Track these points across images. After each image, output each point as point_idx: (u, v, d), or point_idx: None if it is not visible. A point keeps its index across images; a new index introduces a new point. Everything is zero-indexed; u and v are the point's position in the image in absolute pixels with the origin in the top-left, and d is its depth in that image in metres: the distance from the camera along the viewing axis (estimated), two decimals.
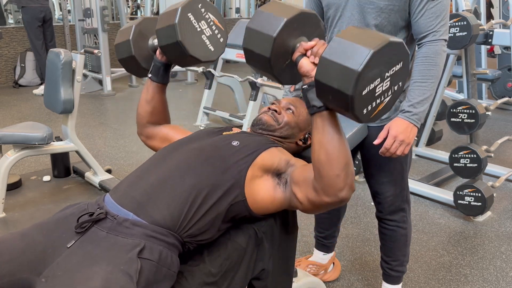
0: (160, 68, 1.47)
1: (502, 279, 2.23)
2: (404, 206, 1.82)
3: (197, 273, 1.19)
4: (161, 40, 1.40)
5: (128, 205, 1.18)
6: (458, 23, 2.61)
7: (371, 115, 1.08)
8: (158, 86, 1.49)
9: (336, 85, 1.02)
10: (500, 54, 5.51)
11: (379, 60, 1.01)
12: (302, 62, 1.15)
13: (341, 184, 1.13)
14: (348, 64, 1.00)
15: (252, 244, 1.30)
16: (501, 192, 3.16)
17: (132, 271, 1.04)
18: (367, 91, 1.03)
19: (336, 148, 1.12)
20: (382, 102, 1.09)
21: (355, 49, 1.01)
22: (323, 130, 1.13)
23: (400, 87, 1.11)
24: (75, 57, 2.84)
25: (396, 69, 1.07)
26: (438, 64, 1.56)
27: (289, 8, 1.17)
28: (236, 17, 9.57)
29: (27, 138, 2.72)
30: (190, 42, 1.36)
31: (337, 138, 1.13)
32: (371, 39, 1.02)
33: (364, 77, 1.00)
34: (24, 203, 2.93)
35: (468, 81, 2.93)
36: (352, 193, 1.17)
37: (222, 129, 1.47)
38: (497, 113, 5.00)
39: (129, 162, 3.67)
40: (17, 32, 6.60)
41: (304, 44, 1.16)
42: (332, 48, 1.04)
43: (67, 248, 1.11)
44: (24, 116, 4.90)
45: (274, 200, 1.26)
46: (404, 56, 1.07)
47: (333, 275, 2.19)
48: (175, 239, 1.15)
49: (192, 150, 1.30)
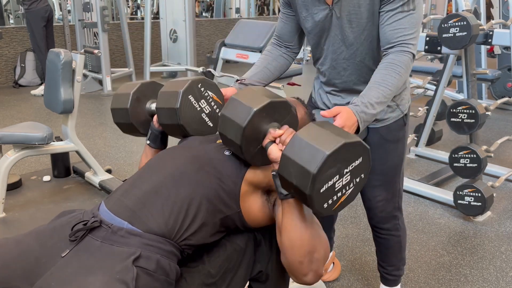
0: (158, 136, 1.49)
1: (502, 279, 2.23)
2: (396, 214, 1.79)
3: (196, 274, 1.19)
4: (161, 119, 1.43)
5: (122, 214, 1.17)
6: (458, 23, 2.61)
7: (333, 207, 1.09)
8: (157, 151, 1.50)
9: (295, 182, 1.05)
10: (500, 54, 5.51)
11: (336, 160, 1.03)
12: (270, 149, 1.19)
13: (305, 270, 1.15)
14: (305, 165, 1.02)
15: (251, 245, 1.30)
16: (501, 192, 3.16)
17: (128, 279, 1.03)
18: (326, 188, 1.05)
19: (299, 236, 1.13)
20: (344, 195, 1.10)
21: (311, 149, 1.03)
22: (288, 216, 1.15)
23: (363, 178, 1.12)
24: (75, 57, 2.84)
25: (356, 164, 1.08)
26: (401, 75, 1.41)
27: (259, 96, 1.21)
28: (236, 17, 9.57)
29: (27, 138, 2.72)
30: (190, 124, 1.41)
31: (299, 226, 1.14)
32: (327, 140, 1.04)
33: (320, 178, 1.02)
34: (24, 203, 2.93)
35: (468, 81, 2.93)
36: (319, 278, 1.18)
37: (216, 137, 1.47)
38: (497, 113, 5.00)
39: (129, 162, 3.67)
40: (17, 32, 6.60)
41: (273, 132, 1.20)
42: (292, 145, 1.07)
43: (61, 258, 1.10)
44: (24, 116, 4.90)
45: (264, 216, 1.28)
46: (364, 151, 1.09)
47: (333, 275, 2.19)
48: (173, 247, 1.14)
49: (186, 159, 1.29)
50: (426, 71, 4.09)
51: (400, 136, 1.71)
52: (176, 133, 1.46)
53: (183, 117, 1.38)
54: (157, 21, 7.20)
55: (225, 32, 8.34)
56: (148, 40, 6.43)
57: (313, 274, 1.16)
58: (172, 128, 1.43)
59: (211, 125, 1.46)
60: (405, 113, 1.69)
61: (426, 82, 3.66)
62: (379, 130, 1.68)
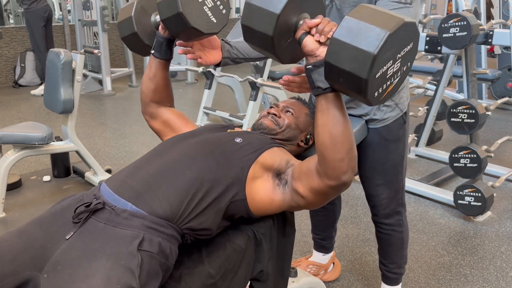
0: (162, 43, 1.45)
1: (502, 279, 2.23)
2: (399, 209, 1.81)
3: (196, 275, 1.19)
4: (162, 13, 1.37)
5: (126, 195, 1.16)
6: (458, 23, 2.61)
7: (381, 97, 1.05)
8: (160, 63, 1.47)
9: (348, 68, 0.97)
10: (500, 54, 5.51)
11: (394, 42, 0.97)
12: (306, 41, 1.09)
13: (345, 167, 1.13)
14: (362, 46, 0.95)
15: (251, 245, 1.29)
16: (501, 192, 3.16)
17: (133, 266, 1.03)
18: (380, 74, 0.99)
19: (341, 132, 1.11)
20: (392, 84, 1.06)
21: (369, 30, 0.96)
22: (328, 113, 1.10)
23: (408, 67, 1.08)
24: (75, 57, 2.84)
25: (407, 49, 1.03)
26: None
27: None
28: (236, 17, 9.56)
29: (27, 138, 2.72)
30: (191, 14, 1.33)
31: (342, 121, 1.11)
32: (385, 20, 0.98)
33: (379, 60, 0.96)
34: (24, 203, 2.92)
35: (468, 81, 2.93)
36: (354, 176, 1.16)
37: (225, 127, 1.47)
38: (497, 113, 4.99)
39: (129, 162, 3.64)
40: (17, 32, 6.59)
41: (308, 22, 1.09)
42: (344, 28, 0.98)
43: (65, 240, 1.10)
44: (24, 116, 4.90)
45: (272, 201, 1.26)
46: (415, 36, 1.04)
47: (333, 275, 2.19)
48: (174, 231, 1.14)
49: (195, 144, 1.29)
50: (426, 71, 4.09)
51: (401, 135, 1.71)
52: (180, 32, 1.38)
53: (183, 4, 1.31)
54: None
55: (225, 32, 8.32)
56: None
57: (351, 171, 1.14)
58: (175, 24, 1.36)
59: (215, 21, 1.39)
60: (404, 112, 1.70)
61: (426, 82, 3.66)
62: (380, 130, 1.68)
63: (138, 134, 4.37)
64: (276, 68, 4.04)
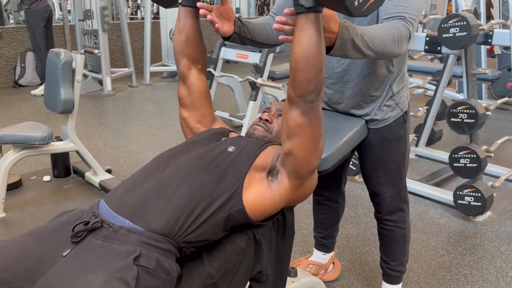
0: None
1: (502, 279, 2.23)
2: (402, 206, 1.82)
3: (197, 275, 1.19)
4: None
5: (123, 212, 1.17)
6: (458, 23, 2.61)
7: (363, 7, 1.05)
8: (189, 11, 1.45)
9: None
10: (500, 54, 5.51)
11: None
12: None
13: (312, 87, 1.16)
14: None
15: (251, 246, 1.30)
16: (501, 192, 3.16)
17: (129, 278, 1.03)
18: None
19: (315, 52, 1.13)
20: None
21: None
22: (306, 33, 1.13)
23: None
24: (75, 57, 2.84)
25: None
26: (393, 38, 1.34)
27: None
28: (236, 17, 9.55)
29: (27, 138, 2.72)
30: None
31: (317, 43, 1.13)
32: None
33: None
34: (24, 203, 2.92)
35: (468, 81, 2.93)
36: (319, 97, 1.20)
37: (220, 133, 1.47)
38: (497, 113, 5.00)
39: (129, 162, 3.67)
40: (17, 32, 6.59)
41: None
42: None
43: (62, 257, 1.10)
44: (24, 116, 4.90)
45: (274, 197, 1.27)
46: None
47: (333, 275, 2.19)
48: (171, 245, 1.15)
49: (189, 159, 1.30)
50: (426, 71, 4.09)
51: (401, 134, 1.72)
52: None
53: None
54: (157, 21, 7.20)
55: None
56: (148, 40, 6.43)
57: (316, 94, 1.18)
58: None
59: None
60: (404, 111, 1.71)
61: (426, 82, 3.66)
62: (380, 130, 1.69)
63: (138, 134, 4.37)
64: (276, 68, 4.04)
